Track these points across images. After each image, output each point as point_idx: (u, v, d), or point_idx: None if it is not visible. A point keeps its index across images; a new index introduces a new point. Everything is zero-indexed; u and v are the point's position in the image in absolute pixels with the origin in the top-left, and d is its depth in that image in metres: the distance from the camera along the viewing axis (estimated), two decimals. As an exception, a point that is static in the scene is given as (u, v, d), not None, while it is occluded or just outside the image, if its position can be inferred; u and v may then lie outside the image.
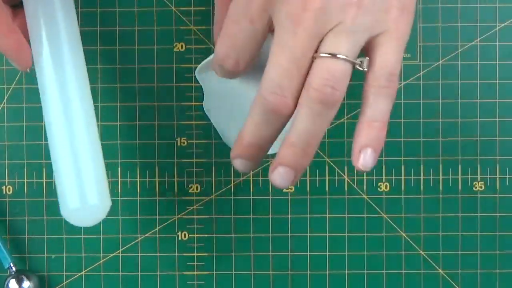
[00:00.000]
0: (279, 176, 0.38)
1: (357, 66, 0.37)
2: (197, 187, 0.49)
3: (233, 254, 0.49)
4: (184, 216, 0.49)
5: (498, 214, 0.48)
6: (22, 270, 0.48)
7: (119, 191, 0.48)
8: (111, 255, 0.49)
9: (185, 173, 0.49)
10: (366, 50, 0.38)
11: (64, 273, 0.49)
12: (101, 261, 0.49)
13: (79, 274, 0.49)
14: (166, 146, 0.48)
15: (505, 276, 0.48)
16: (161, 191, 0.49)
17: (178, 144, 0.49)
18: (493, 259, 0.48)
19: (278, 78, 0.37)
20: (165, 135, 0.48)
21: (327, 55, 0.37)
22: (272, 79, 0.37)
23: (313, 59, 0.37)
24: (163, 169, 0.48)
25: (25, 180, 0.48)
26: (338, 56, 0.37)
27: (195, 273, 0.49)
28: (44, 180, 0.48)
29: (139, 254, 0.49)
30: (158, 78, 0.48)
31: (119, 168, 0.48)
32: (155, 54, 0.48)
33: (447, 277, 0.48)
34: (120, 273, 0.49)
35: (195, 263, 0.49)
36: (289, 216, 0.49)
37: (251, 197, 0.49)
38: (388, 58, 0.38)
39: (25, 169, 0.48)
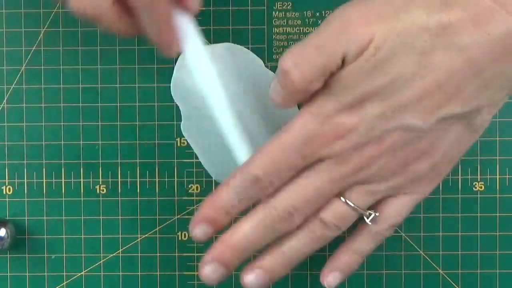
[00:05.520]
0: (255, 277, 0.40)
1: (365, 217, 0.41)
2: (197, 187, 0.49)
3: (233, 254, 0.49)
4: (184, 216, 0.49)
5: (498, 214, 0.48)
6: None
7: (119, 191, 0.48)
8: (111, 255, 0.49)
9: (185, 173, 0.49)
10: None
11: (64, 273, 0.49)
12: (101, 261, 0.49)
13: (79, 274, 0.49)
14: (166, 146, 0.48)
15: (505, 276, 0.48)
16: (161, 191, 0.49)
17: (178, 144, 0.49)
18: (493, 259, 0.48)
19: (300, 204, 0.39)
20: (165, 135, 0.48)
21: (346, 201, 0.40)
22: (291, 203, 0.39)
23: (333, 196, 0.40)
24: (163, 169, 0.48)
25: (25, 180, 0.48)
26: (353, 206, 0.40)
27: (195, 273, 0.49)
28: (44, 180, 0.48)
29: (139, 254, 0.49)
30: (158, 78, 0.48)
31: (119, 168, 0.48)
32: (155, 54, 0.48)
33: (447, 277, 0.48)
34: (120, 273, 0.49)
35: (195, 263, 0.49)
36: (289, 216, 0.49)
37: (251, 197, 0.49)
38: (398, 214, 0.41)
39: (25, 169, 0.48)
